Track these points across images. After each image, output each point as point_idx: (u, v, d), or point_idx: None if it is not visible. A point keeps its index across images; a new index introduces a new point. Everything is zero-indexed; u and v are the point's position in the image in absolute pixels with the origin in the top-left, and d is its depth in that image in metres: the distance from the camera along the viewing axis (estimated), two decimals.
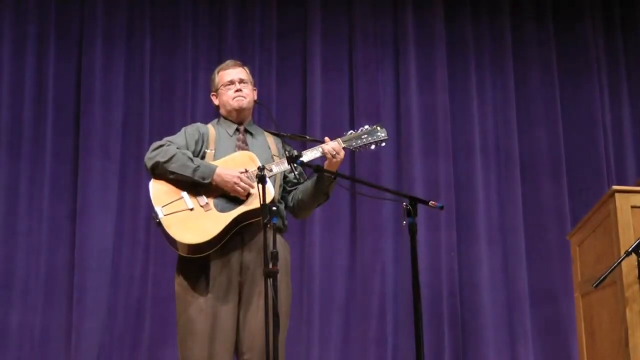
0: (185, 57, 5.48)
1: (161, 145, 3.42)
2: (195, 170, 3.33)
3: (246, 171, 3.34)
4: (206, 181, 3.32)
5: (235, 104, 3.55)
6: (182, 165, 3.33)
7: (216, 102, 3.64)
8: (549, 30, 5.88)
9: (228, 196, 3.34)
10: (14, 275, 5.04)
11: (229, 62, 3.67)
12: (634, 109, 5.86)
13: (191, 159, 3.36)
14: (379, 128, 3.55)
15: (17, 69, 5.30)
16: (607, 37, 5.96)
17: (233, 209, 3.30)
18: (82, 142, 5.25)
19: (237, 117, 3.58)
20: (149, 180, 3.39)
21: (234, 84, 3.57)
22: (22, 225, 5.11)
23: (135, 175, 5.17)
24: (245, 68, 3.66)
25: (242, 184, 3.30)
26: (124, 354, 5.03)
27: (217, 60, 5.19)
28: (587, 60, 5.85)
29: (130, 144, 5.31)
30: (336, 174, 3.39)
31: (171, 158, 3.35)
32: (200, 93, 5.41)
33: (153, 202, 3.32)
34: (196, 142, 3.49)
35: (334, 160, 3.40)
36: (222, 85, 3.59)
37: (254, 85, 3.67)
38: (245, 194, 3.31)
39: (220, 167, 3.34)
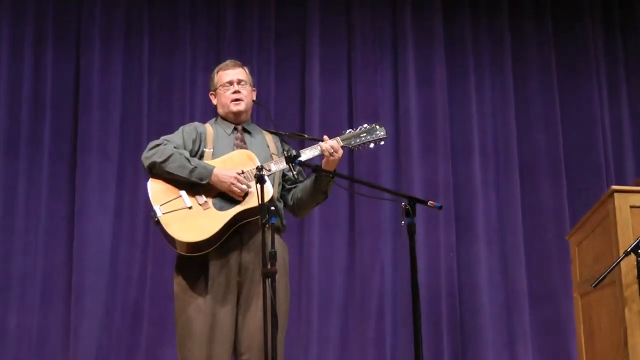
0: (184, 58, 5.47)
1: (158, 145, 3.42)
2: (192, 171, 3.32)
3: (242, 172, 3.33)
4: (204, 182, 3.32)
5: (233, 108, 3.55)
6: (180, 166, 3.33)
7: (214, 101, 3.64)
8: (548, 31, 5.87)
9: (226, 194, 3.34)
10: (11, 276, 5.03)
11: (228, 62, 3.67)
12: (633, 109, 5.86)
13: (188, 160, 3.35)
14: (377, 127, 3.55)
15: (15, 70, 5.29)
16: (607, 37, 5.96)
17: (232, 207, 3.30)
18: (80, 143, 5.24)
19: (235, 119, 3.58)
20: (147, 180, 3.39)
21: (233, 85, 3.57)
22: (20, 226, 5.10)
23: (134, 176, 5.16)
24: (245, 68, 3.66)
25: (238, 184, 3.30)
26: (121, 355, 5.03)
27: (216, 61, 5.17)
28: (587, 61, 5.85)
29: (128, 145, 5.30)
30: (334, 174, 3.39)
31: (168, 158, 3.34)
32: (199, 94, 5.40)
33: (151, 200, 3.32)
34: (193, 141, 3.49)
35: (331, 158, 3.40)
36: (220, 85, 3.59)
37: (253, 86, 3.67)
38: (242, 194, 3.31)
39: (217, 168, 3.33)
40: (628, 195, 3.39)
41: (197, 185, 3.33)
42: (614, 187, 3.44)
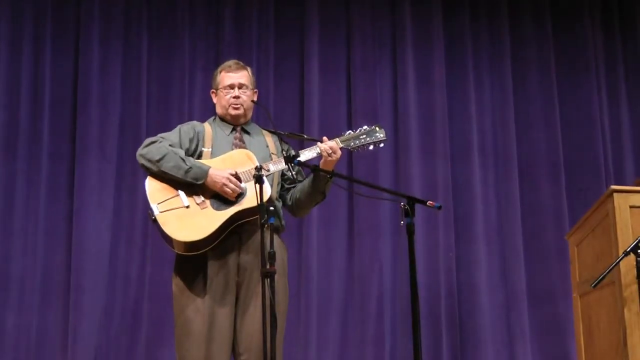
0: (183, 58, 5.46)
1: (153, 142, 3.41)
2: (187, 171, 3.32)
3: (236, 173, 3.33)
4: (199, 182, 3.32)
5: (231, 111, 3.55)
6: (175, 166, 3.33)
7: (215, 100, 3.64)
8: (548, 31, 5.87)
9: None
10: (10, 276, 5.02)
11: (232, 63, 3.62)
12: (633, 109, 5.86)
13: (183, 160, 3.34)
14: (377, 129, 3.54)
15: (13, 69, 5.28)
16: (606, 37, 5.95)
17: (229, 207, 3.30)
18: (79, 143, 5.23)
19: (233, 121, 3.58)
20: (145, 178, 3.39)
21: (233, 89, 3.56)
22: (19, 226, 5.10)
23: (132, 176, 5.15)
24: (248, 70, 3.64)
25: (230, 185, 3.30)
26: (120, 355, 5.02)
27: (215, 61, 5.19)
28: (586, 61, 5.85)
29: (127, 145, 5.28)
30: (332, 174, 3.39)
31: (163, 157, 3.34)
32: (198, 94, 5.40)
33: (149, 199, 3.32)
34: (190, 140, 3.48)
35: (329, 159, 3.40)
36: (222, 87, 3.58)
37: (255, 87, 3.66)
38: (234, 195, 3.30)
39: (212, 169, 3.33)
40: (627, 195, 3.39)
41: (194, 185, 3.33)
42: (614, 187, 3.44)
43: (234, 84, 3.56)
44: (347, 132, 3.53)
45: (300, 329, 5.15)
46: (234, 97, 3.54)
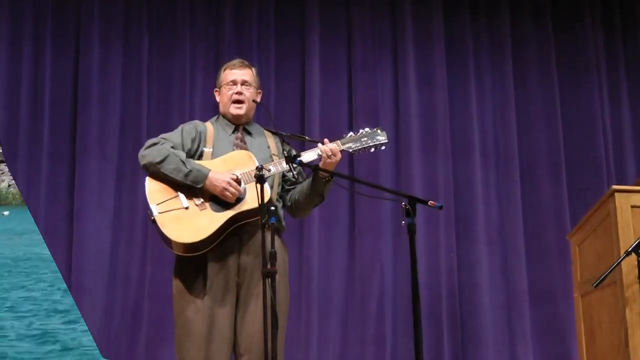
0: (183, 58, 5.45)
1: (155, 143, 3.41)
2: (187, 175, 3.32)
3: (237, 178, 3.32)
4: (198, 186, 3.31)
5: (233, 111, 3.55)
6: (175, 169, 3.32)
7: (218, 98, 3.63)
8: (548, 31, 5.86)
9: None
10: None
11: (236, 61, 3.64)
12: (634, 108, 5.85)
13: (184, 163, 3.34)
14: (379, 131, 3.54)
15: (13, 69, 5.27)
16: (607, 37, 5.94)
17: (229, 208, 3.29)
18: (79, 143, 5.22)
19: (234, 120, 3.57)
20: (146, 178, 3.38)
21: (236, 85, 3.55)
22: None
23: (132, 176, 5.14)
24: (253, 69, 3.65)
25: (230, 189, 3.29)
26: (120, 355, 5.01)
27: (215, 61, 5.19)
28: (587, 60, 5.84)
29: (127, 145, 5.27)
30: (333, 174, 3.39)
31: (164, 159, 3.33)
32: (198, 94, 5.39)
33: (148, 199, 3.32)
34: (192, 140, 3.48)
35: (328, 160, 3.39)
36: (224, 83, 3.59)
37: (259, 87, 3.65)
38: (234, 199, 3.30)
39: (212, 172, 3.32)
40: (629, 195, 3.39)
41: (194, 187, 3.32)
42: (615, 186, 3.44)
43: (237, 80, 3.57)
44: (349, 135, 3.52)
45: (301, 329, 5.14)
46: (236, 93, 3.54)
